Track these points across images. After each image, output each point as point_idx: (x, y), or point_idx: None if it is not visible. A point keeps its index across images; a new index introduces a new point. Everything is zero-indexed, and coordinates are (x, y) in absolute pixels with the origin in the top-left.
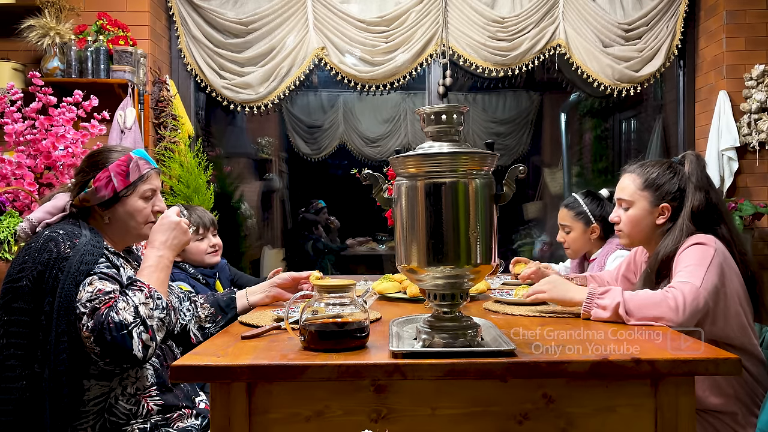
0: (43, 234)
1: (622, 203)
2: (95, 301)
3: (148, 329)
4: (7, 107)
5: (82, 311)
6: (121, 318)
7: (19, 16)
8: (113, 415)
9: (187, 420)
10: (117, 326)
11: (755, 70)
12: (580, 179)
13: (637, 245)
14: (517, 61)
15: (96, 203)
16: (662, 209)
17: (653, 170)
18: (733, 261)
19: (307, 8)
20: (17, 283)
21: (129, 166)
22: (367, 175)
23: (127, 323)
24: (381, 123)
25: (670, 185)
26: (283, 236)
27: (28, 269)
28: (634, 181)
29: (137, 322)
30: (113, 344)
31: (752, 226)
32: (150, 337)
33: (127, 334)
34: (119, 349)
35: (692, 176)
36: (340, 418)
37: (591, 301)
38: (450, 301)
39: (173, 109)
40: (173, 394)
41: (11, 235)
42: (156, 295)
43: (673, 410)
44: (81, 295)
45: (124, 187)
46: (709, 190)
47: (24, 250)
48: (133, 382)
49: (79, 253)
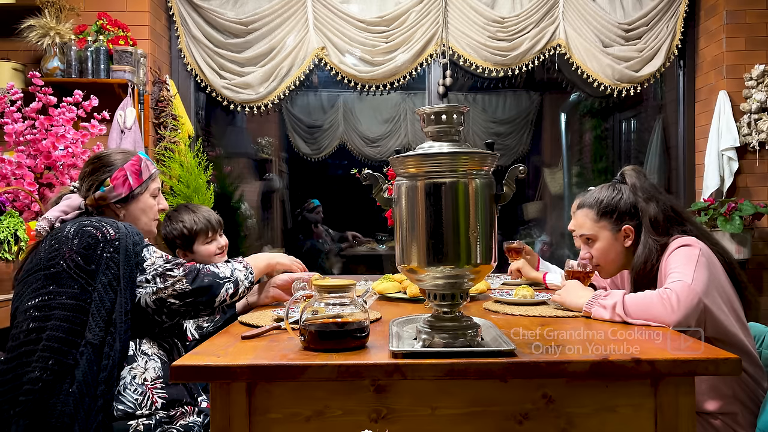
0: (67, 227)
1: (585, 239)
2: (172, 261)
3: (235, 288)
4: (7, 107)
5: (167, 268)
6: (219, 270)
7: (19, 16)
8: (121, 403)
9: (189, 417)
10: (213, 274)
11: (755, 70)
12: (580, 179)
13: (616, 273)
14: (517, 61)
15: (112, 201)
16: (625, 231)
17: (601, 197)
18: (715, 258)
19: (307, 8)
20: (50, 269)
21: (141, 166)
22: (367, 175)
23: (223, 275)
24: (381, 123)
25: (622, 206)
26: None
27: (62, 255)
28: (588, 215)
29: (231, 279)
30: (205, 287)
31: (752, 226)
32: (233, 294)
33: (220, 282)
34: (207, 292)
35: (638, 189)
36: (340, 418)
37: (594, 300)
38: (450, 301)
39: (173, 109)
40: (177, 388)
41: (11, 235)
42: (251, 269)
43: (673, 410)
44: (152, 260)
45: (138, 185)
46: (658, 197)
47: (49, 241)
48: (141, 373)
49: (126, 234)
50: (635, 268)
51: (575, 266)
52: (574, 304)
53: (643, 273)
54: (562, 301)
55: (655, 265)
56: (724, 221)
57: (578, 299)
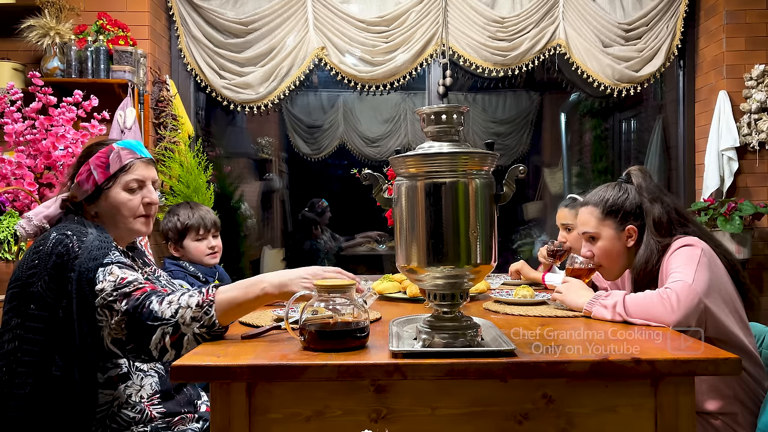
0: (51, 236)
1: (588, 237)
2: (123, 288)
3: (174, 334)
4: (7, 107)
5: (111, 300)
6: (158, 309)
7: (19, 16)
8: (115, 422)
9: (188, 424)
10: (148, 315)
11: (755, 70)
12: (580, 179)
13: (620, 275)
14: (517, 61)
15: (81, 198)
16: (629, 231)
17: (607, 196)
18: (717, 259)
19: (307, 8)
20: (30, 288)
21: (109, 158)
22: (367, 175)
23: (160, 317)
24: (381, 123)
25: (627, 206)
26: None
27: (39, 273)
28: (593, 212)
29: (171, 322)
30: (141, 330)
31: (752, 226)
32: (172, 343)
33: (155, 326)
34: (141, 338)
35: (643, 190)
36: (340, 418)
37: (595, 300)
38: (450, 301)
39: (173, 109)
40: (175, 401)
41: (11, 235)
42: (211, 310)
43: (673, 410)
44: (103, 286)
45: (104, 180)
46: (662, 198)
47: (32, 252)
48: (138, 391)
49: (87, 250)
50: (636, 268)
51: (576, 263)
52: (574, 304)
53: (643, 273)
54: (563, 300)
55: (655, 266)
56: (724, 221)
57: (579, 299)
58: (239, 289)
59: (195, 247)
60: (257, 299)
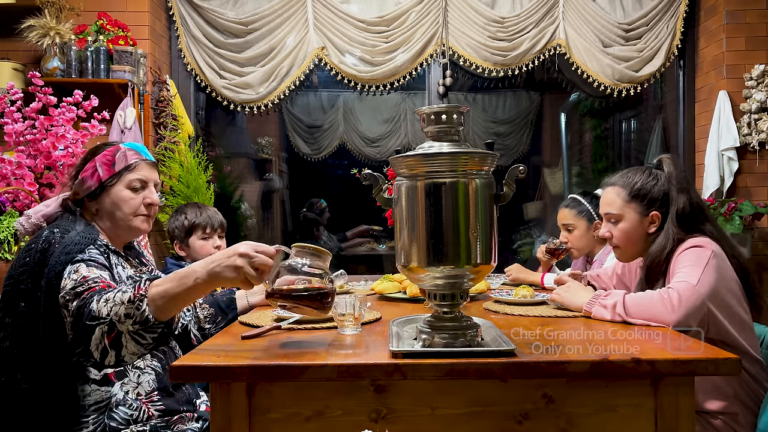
0: (42, 234)
1: (610, 218)
2: (78, 287)
3: (110, 333)
4: (7, 107)
5: (67, 299)
6: (96, 308)
7: (19, 16)
8: (113, 420)
9: (187, 423)
10: (88, 314)
11: (755, 70)
12: (580, 179)
13: (634, 258)
14: (517, 61)
15: (84, 194)
16: (652, 217)
17: (636, 179)
18: (728, 262)
19: (307, 8)
20: (20, 286)
21: (115, 157)
22: (367, 175)
23: (97, 315)
24: (381, 123)
25: (655, 192)
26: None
27: (28, 271)
28: (619, 194)
29: (106, 320)
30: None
31: (752, 226)
32: (110, 343)
33: (93, 326)
34: (85, 339)
35: (672, 179)
36: (340, 418)
37: (595, 300)
38: (450, 301)
39: (173, 109)
40: (174, 399)
41: (11, 235)
42: (142, 305)
43: (673, 410)
44: (65, 283)
45: (108, 177)
46: (690, 191)
47: (24, 250)
48: (134, 388)
49: (63, 245)
50: (651, 255)
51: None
52: (574, 304)
53: (656, 262)
54: (562, 300)
55: (667, 257)
56: (724, 221)
57: (578, 299)
58: (172, 281)
59: (200, 246)
60: (191, 290)
